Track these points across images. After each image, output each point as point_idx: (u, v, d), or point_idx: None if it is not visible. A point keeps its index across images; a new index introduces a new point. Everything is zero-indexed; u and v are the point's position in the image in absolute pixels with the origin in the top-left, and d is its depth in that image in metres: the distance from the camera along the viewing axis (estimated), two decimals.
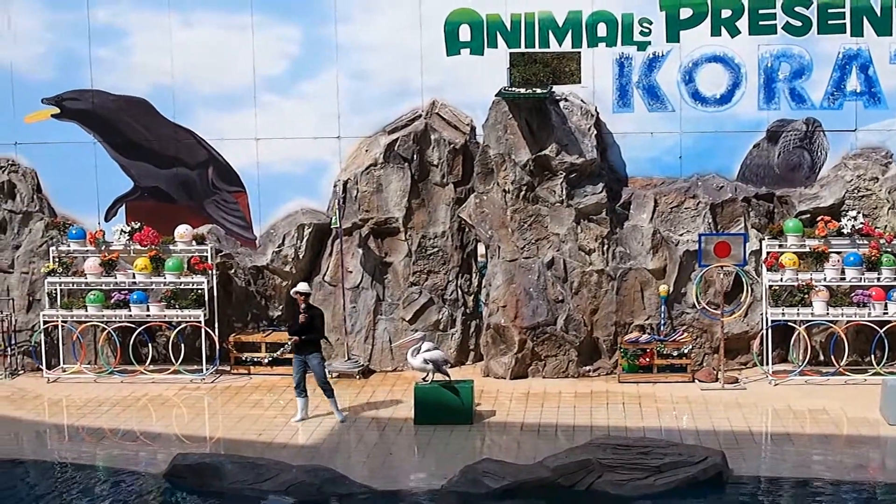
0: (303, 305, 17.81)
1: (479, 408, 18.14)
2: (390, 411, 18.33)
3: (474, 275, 21.15)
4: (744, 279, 19.82)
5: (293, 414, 17.99)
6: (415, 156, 20.71)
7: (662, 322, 20.12)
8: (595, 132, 20.22)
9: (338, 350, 20.73)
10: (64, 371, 20.71)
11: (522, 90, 20.00)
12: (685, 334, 20.03)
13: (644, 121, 20.58)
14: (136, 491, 15.68)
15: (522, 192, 20.15)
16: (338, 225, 20.41)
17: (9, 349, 21.00)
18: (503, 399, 18.88)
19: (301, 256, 20.86)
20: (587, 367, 20.22)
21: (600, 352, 20.32)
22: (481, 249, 21.34)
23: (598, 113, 20.40)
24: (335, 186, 20.78)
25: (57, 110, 21.41)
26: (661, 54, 20.44)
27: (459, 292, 20.94)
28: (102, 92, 21.31)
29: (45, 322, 20.67)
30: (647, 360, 19.72)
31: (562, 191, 20.09)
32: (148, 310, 20.27)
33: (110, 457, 16.72)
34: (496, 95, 20.01)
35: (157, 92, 21.19)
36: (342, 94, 20.94)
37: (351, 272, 20.72)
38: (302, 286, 18.12)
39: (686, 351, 19.76)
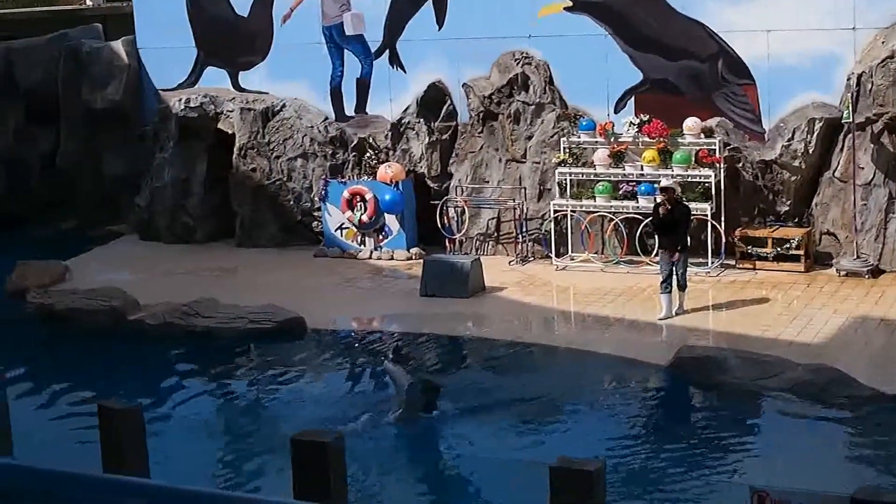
0: (662, 201, 17.93)
1: None
2: None
3: None
4: None
5: (799, 311, 17.75)
6: None
7: None
8: None
9: (846, 248, 20.12)
10: (572, 259, 21.27)
11: None
12: None
13: None
14: (641, 379, 16.02)
15: None
16: (850, 120, 19.70)
17: (520, 236, 21.80)
18: None
19: (811, 151, 20.32)
20: None
21: None
22: None
23: None
24: (848, 80, 19.99)
25: (570, 3, 21.75)
26: None
27: None
28: None
29: (554, 211, 21.28)
30: None
31: None
32: (656, 201, 20.36)
33: (615, 345, 17.11)
34: None
35: None
36: None
37: (862, 168, 19.96)
38: (664, 182, 18.29)
39: None
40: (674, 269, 17.90)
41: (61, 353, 18.34)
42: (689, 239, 18.37)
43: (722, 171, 20.31)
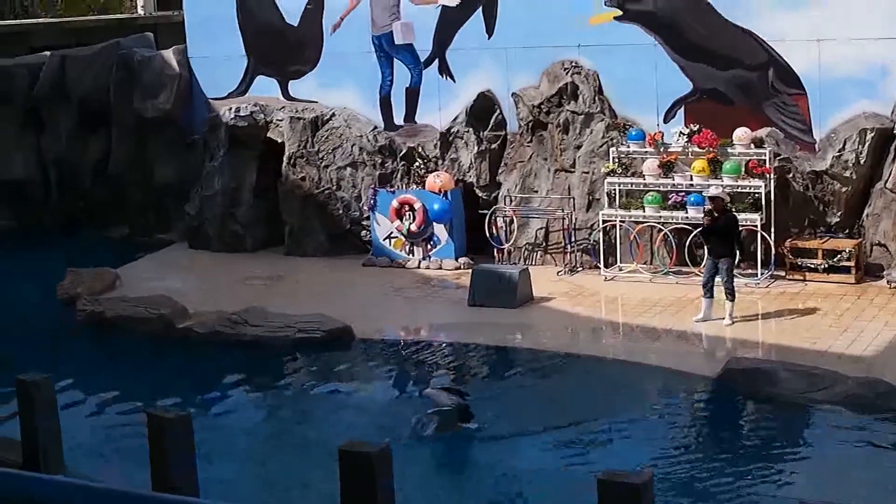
0: (709, 209, 18.27)
1: None
2: None
3: None
4: None
5: (849, 323, 17.63)
6: None
7: None
8: None
9: None
10: (620, 270, 21.20)
11: None
12: None
13: None
14: (689, 391, 15.93)
15: None
16: None
17: (569, 246, 21.75)
18: None
19: (862, 162, 20.14)
20: None
21: None
22: None
23: None
24: None
25: (619, 13, 21.70)
26: None
27: None
28: None
29: (603, 221, 21.20)
30: None
31: None
32: (704, 211, 20.25)
33: (664, 356, 17.03)
34: None
35: None
36: None
37: None
38: (712, 190, 18.58)
39: None
40: (717, 275, 17.99)
41: (111, 361, 18.47)
42: (737, 250, 18.29)
43: (772, 181, 20.17)
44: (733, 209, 19.00)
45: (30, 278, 23.20)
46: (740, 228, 18.82)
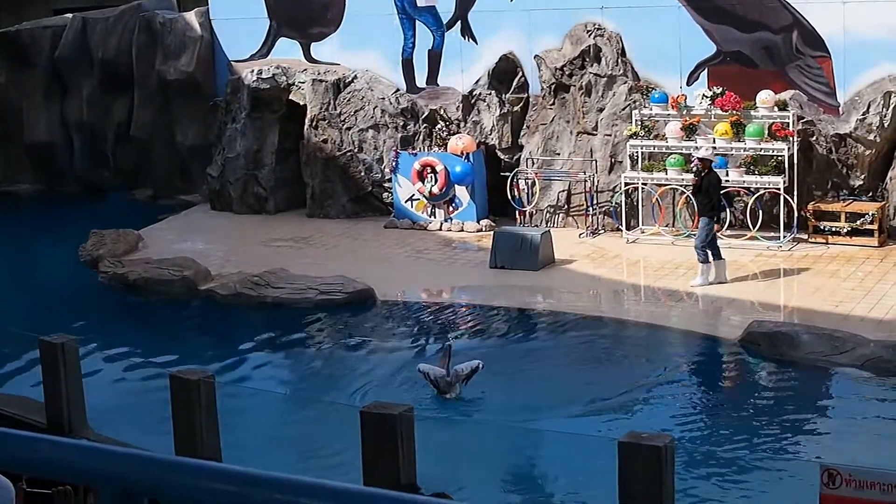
0: (697, 169, 18.60)
1: None
2: None
3: None
4: None
5: (872, 286, 17.57)
6: None
7: None
8: None
9: None
10: (642, 232, 21.16)
11: None
12: None
13: None
14: (711, 354, 15.94)
15: None
16: None
17: (591, 209, 21.71)
18: None
19: (886, 125, 20.02)
20: None
21: None
22: None
23: None
24: None
25: None
26: None
27: None
28: None
29: (625, 184, 21.16)
30: None
31: None
32: (727, 175, 20.17)
33: (686, 319, 17.03)
34: None
35: None
36: None
37: None
38: (700, 152, 18.77)
39: None
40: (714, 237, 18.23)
41: (133, 323, 18.56)
42: (712, 209, 18.25)
43: (795, 144, 20.07)
44: (756, 171, 18.94)
45: (54, 241, 23.30)
46: (723, 189, 19.06)
